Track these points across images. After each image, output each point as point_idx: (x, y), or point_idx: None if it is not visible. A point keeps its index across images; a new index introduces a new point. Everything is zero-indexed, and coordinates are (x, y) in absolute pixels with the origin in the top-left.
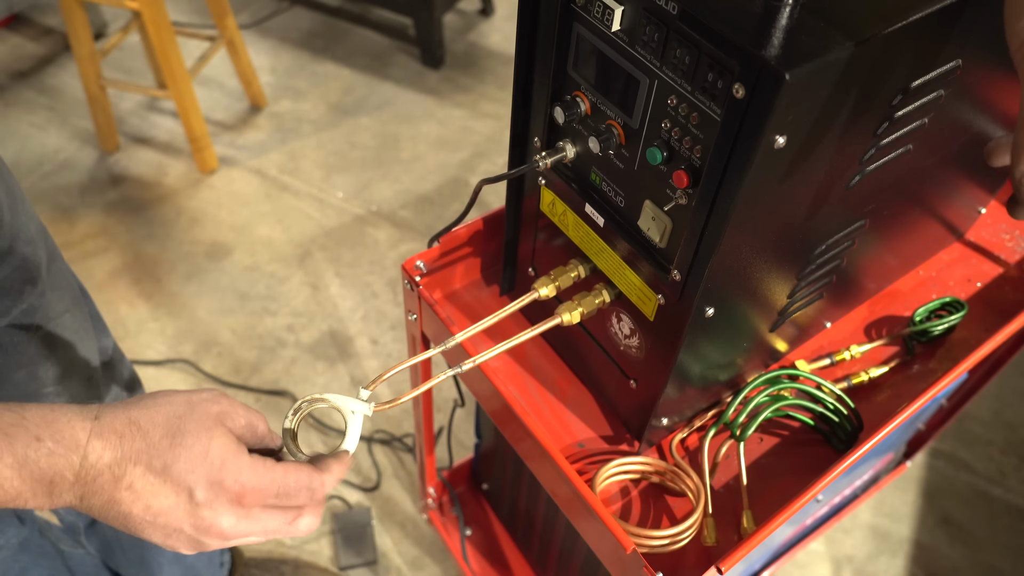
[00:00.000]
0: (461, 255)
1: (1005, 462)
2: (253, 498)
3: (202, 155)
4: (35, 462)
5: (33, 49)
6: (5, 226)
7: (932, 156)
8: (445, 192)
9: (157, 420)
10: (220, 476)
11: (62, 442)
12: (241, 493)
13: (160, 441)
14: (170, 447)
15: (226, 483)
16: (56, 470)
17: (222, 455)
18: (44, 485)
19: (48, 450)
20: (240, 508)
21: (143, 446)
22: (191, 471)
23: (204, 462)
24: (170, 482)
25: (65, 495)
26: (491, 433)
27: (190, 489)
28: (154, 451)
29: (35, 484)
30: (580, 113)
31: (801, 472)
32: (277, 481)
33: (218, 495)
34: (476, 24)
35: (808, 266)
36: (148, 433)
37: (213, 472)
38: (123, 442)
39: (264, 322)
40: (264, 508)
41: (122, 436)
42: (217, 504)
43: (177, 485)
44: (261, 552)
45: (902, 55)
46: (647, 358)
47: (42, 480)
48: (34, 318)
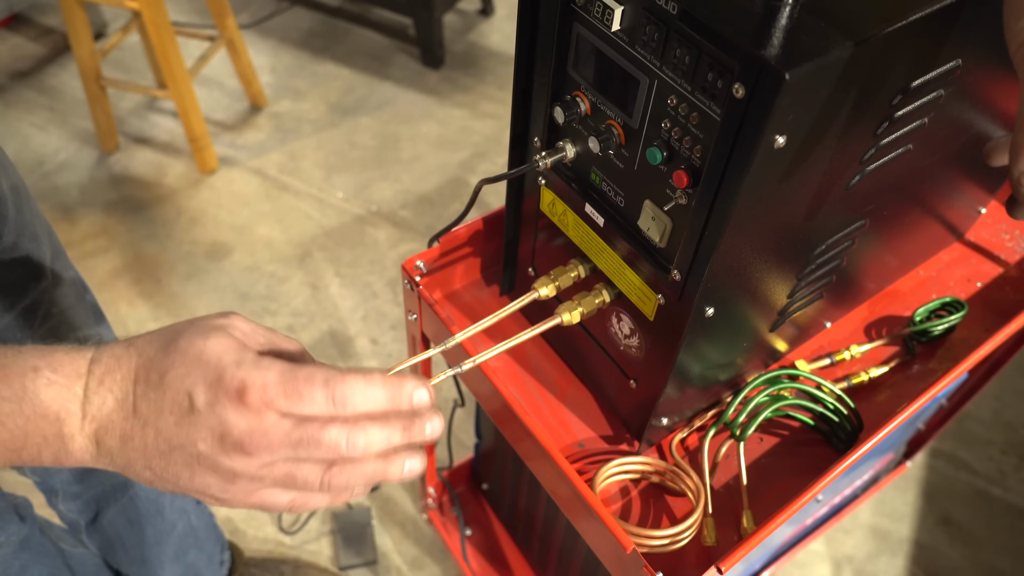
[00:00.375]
0: (461, 255)
1: (1005, 462)
2: (258, 395)
3: (202, 155)
4: (34, 392)
5: (33, 49)
6: (10, 222)
7: (932, 156)
8: (445, 192)
9: (154, 337)
10: (218, 372)
11: (60, 371)
12: (242, 389)
13: (155, 354)
14: (165, 356)
15: (224, 379)
16: (59, 403)
17: (218, 351)
18: (52, 422)
19: (47, 379)
20: (244, 407)
21: (141, 362)
22: (186, 375)
23: (199, 363)
24: (169, 392)
25: (78, 437)
26: (491, 433)
27: (189, 394)
28: (150, 364)
29: (41, 420)
30: (580, 113)
31: (801, 472)
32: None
33: (218, 394)
34: (476, 24)
35: (808, 266)
36: (144, 348)
37: (209, 371)
38: (120, 363)
39: (264, 322)
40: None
41: (119, 357)
42: (219, 406)
43: (176, 393)
44: (261, 552)
45: (902, 55)
46: (647, 358)
47: (47, 415)
48: (37, 314)
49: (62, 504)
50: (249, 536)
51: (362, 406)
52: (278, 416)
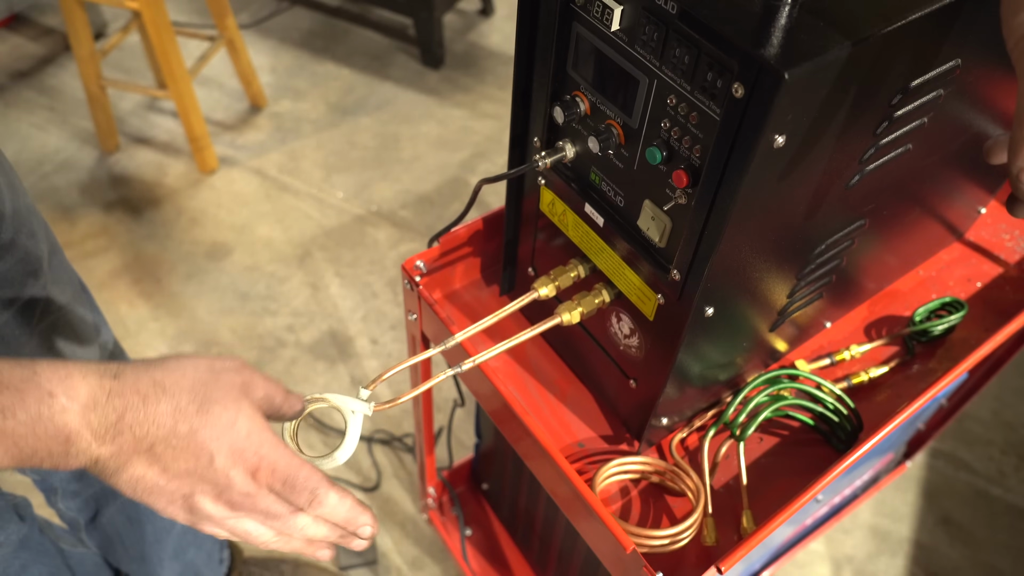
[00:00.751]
0: (461, 255)
1: (1005, 462)
2: (266, 474)
3: (202, 155)
4: (48, 419)
5: (33, 49)
6: (7, 218)
7: (932, 156)
8: (445, 192)
9: (183, 384)
10: (243, 446)
11: (76, 399)
12: (257, 466)
13: (188, 407)
14: (197, 413)
15: (246, 453)
16: (72, 428)
17: (248, 428)
18: (60, 443)
19: (62, 407)
20: (252, 481)
21: (169, 410)
22: (216, 438)
23: (230, 432)
24: (193, 446)
25: (81, 457)
26: (491, 433)
27: (211, 455)
28: (180, 416)
29: (50, 442)
30: (580, 113)
31: (801, 472)
32: (292, 466)
33: (236, 463)
34: (476, 24)
35: (808, 266)
36: (174, 396)
37: (237, 441)
38: (147, 404)
39: (264, 322)
40: (270, 490)
41: (146, 397)
42: (234, 471)
43: (200, 450)
44: (261, 551)
45: (901, 54)
46: (647, 358)
47: (57, 438)
48: (35, 311)
49: (61, 502)
50: None
51: (328, 515)
52: (269, 492)
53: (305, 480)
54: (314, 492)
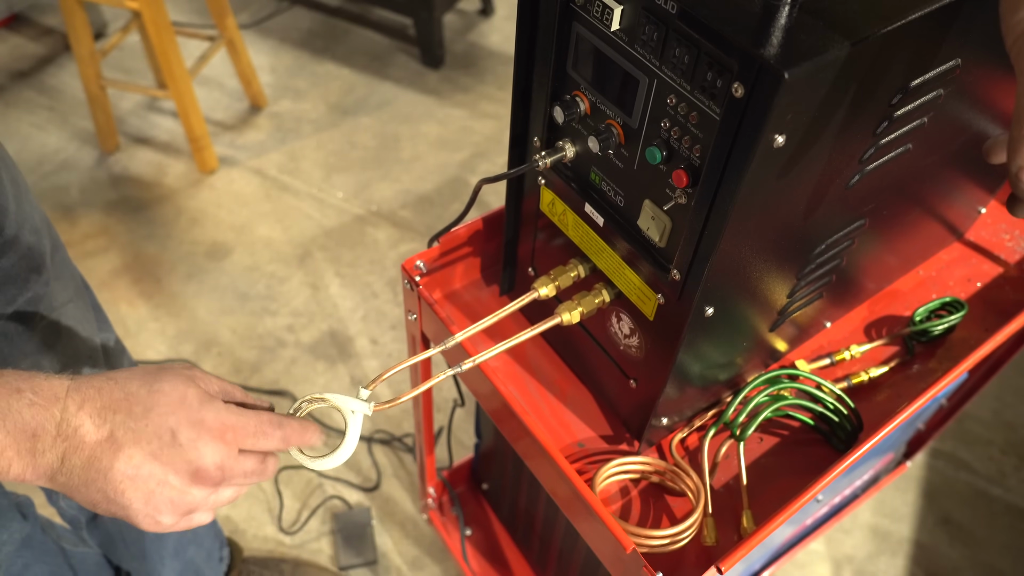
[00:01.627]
0: (461, 255)
1: (1005, 462)
2: (235, 435)
3: (202, 155)
4: (17, 411)
5: (33, 49)
6: (11, 214)
7: (932, 155)
8: (445, 192)
9: (133, 375)
10: (200, 415)
11: (41, 394)
12: (223, 430)
13: (138, 389)
14: (148, 394)
15: (207, 421)
16: (38, 422)
17: (199, 397)
18: (27, 439)
19: (29, 400)
20: (223, 445)
21: (122, 396)
22: (171, 412)
23: (183, 405)
24: (151, 426)
25: (48, 453)
26: (491, 433)
27: (172, 431)
28: (133, 399)
29: (19, 436)
30: (580, 113)
31: (801, 472)
32: (253, 420)
33: (200, 433)
34: (476, 24)
35: (808, 266)
36: (126, 385)
37: (192, 412)
38: (102, 394)
39: (264, 322)
40: (242, 451)
41: (100, 389)
42: (201, 443)
43: (159, 427)
44: (261, 551)
45: (901, 54)
46: (647, 358)
47: (25, 431)
48: (38, 307)
49: (63, 501)
50: (249, 535)
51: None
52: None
53: (270, 424)
54: (283, 431)
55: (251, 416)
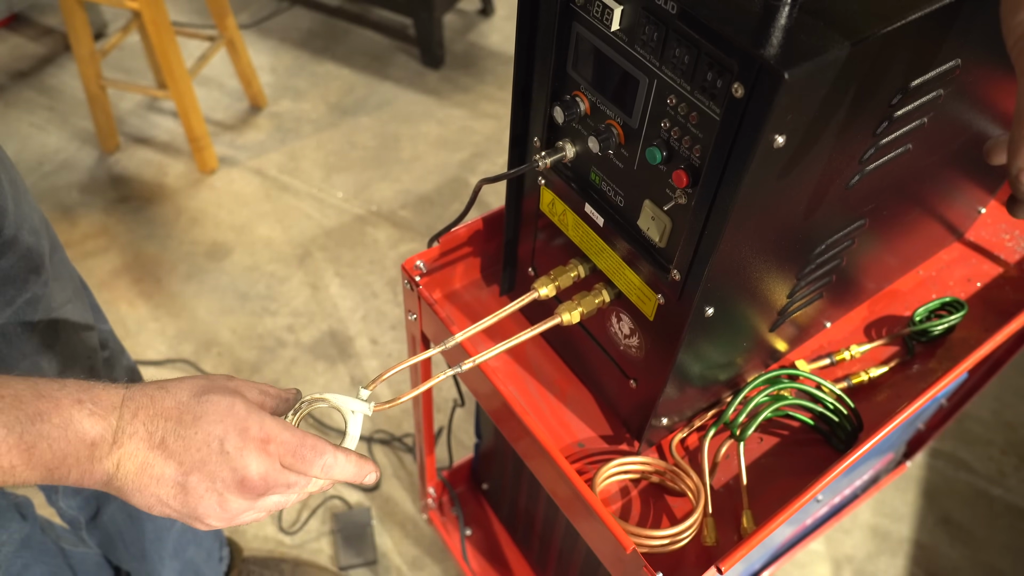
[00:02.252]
0: (461, 255)
1: (1005, 462)
2: (277, 447)
3: (202, 155)
4: (79, 422)
5: (33, 49)
6: (10, 215)
7: (932, 156)
8: (445, 192)
9: (183, 386)
10: (246, 424)
11: (100, 404)
12: (267, 440)
13: (188, 400)
14: (198, 404)
15: (251, 431)
16: (98, 431)
17: (246, 408)
18: (87, 447)
19: (89, 411)
20: (266, 456)
21: (173, 404)
22: (219, 421)
23: (231, 414)
24: (201, 434)
25: (105, 460)
26: (491, 433)
27: (220, 439)
28: (184, 408)
29: (79, 445)
30: (580, 113)
31: (801, 472)
32: (298, 437)
33: (246, 442)
34: (476, 24)
35: (808, 266)
36: (177, 394)
37: (239, 422)
38: (154, 402)
39: (264, 322)
40: (284, 464)
41: (153, 397)
42: (246, 451)
43: (208, 436)
44: (261, 550)
45: (901, 54)
46: (647, 358)
47: (85, 441)
48: (38, 308)
49: (62, 501)
50: (249, 535)
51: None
52: (282, 465)
53: (312, 450)
54: (324, 460)
55: (294, 434)
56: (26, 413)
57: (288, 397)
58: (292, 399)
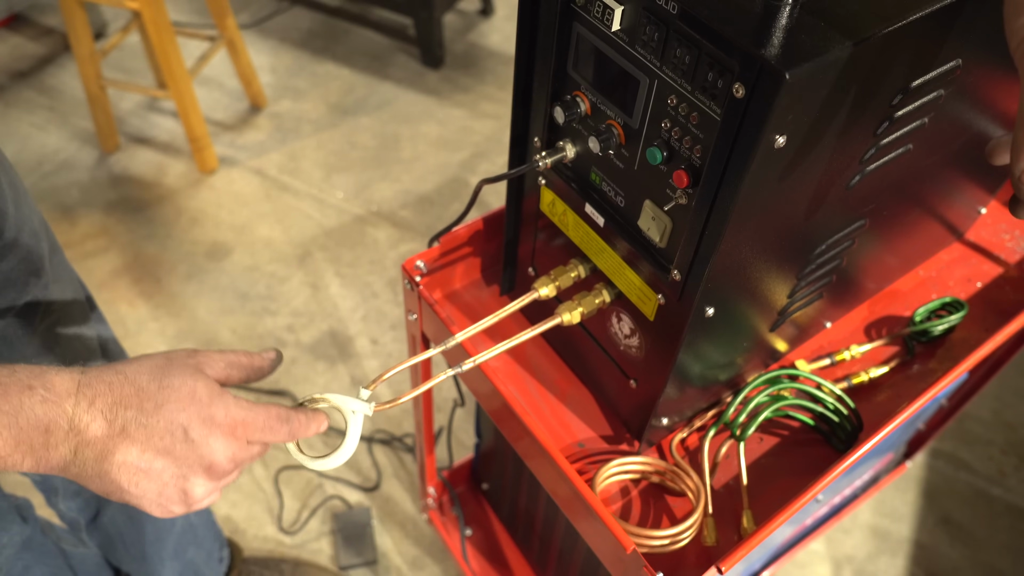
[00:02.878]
0: (461, 255)
1: (1005, 462)
2: (244, 430)
3: (202, 155)
4: (30, 408)
5: (33, 49)
6: (10, 217)
7: (932, 156)
8: (445, 192)
9: (142, 369)
10: (210, 412)
11: (53, 390)
12: (233, 426)
13: (148, 385)
14: (159, 390)
15: (217, 418)
16: (50, 417)
17: (209, 393)
18: (40, 434)
19: (41, 397)
20: (233, 440)
21: (132, 391)
22: (182, 409)
23: (193, 401)
24: (163, 422)
25: (60, 447)
26: (491, 433)
27: (184, 428)
28: (144, 394)
29: (32, 432)
30: (580, 113)
31: (801, 472)
32: (262, 415)
33: (211, 430)
34: (476, 24)
35: (808, 266)
36: (135, 380)
37: (203, 409)
38: (112, 389)
39: (264, 322)
40: (250, 440)
41: (111, 384)
42: (212, 439)
43: (171, 423)
44: (262, 551)
45: (902, 55)
46: (647, 358)
47: (38, 427)
48: (38, 310)
49: (62, 503)
50: (249, 535)
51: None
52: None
53: (277, 420)
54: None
55: (259, 411)
56: None
57: (261, 366)
58: (267, 367)
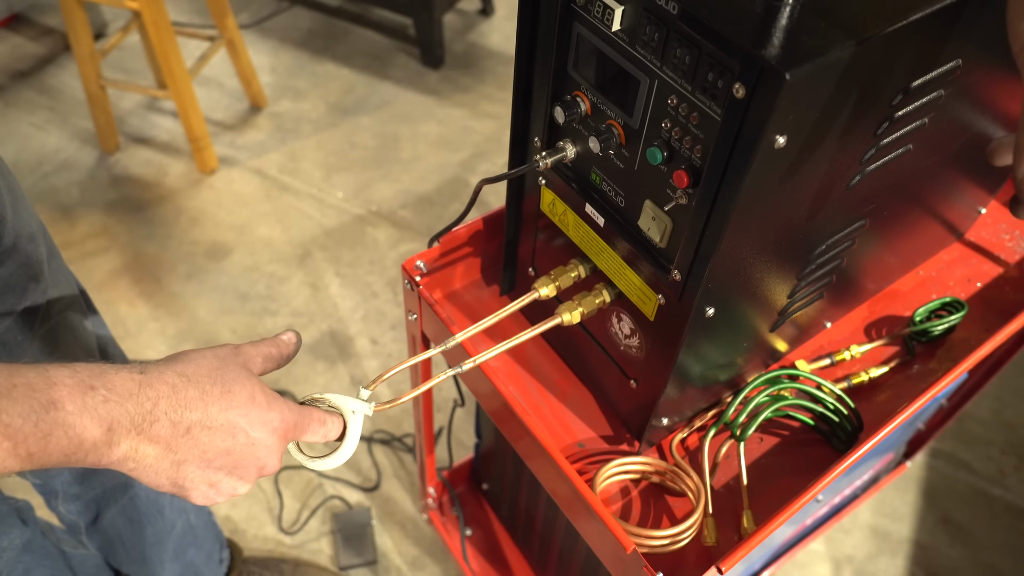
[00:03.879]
0: (461, 255)
1: (1005, 462)
2: (295, 432)
3: (202, 155)
4: (93, 408)
5: (33, 49)
6: (8, 223)
7: (932, 156)
8: (445, 192)
9: (201, 373)
10: (269, 416)
11: (114, 390)
12: (287, 429)
13: (212, 388)
14: (221, 395)
15: (275, 422)
16: (113, 416)
17: (266, 398)
18: (104, 432)
19: (103, 396)
20: (285, 442)
21: (197, 394)
22: (245, 414)
23: (254, 405)
24: (227, 425)
25: (122, 444)
26: (491, 433)
27: (246, 431)
28: (209, 398)
29: (96, 431)
30: (580, 113)
31: (801, 472)
32: (306, 419)
33: (269, 434)
34: (476, 24)
35: (808, 266)
36: (198, 383)
37: (263, 413)
38: (176, 392)
39: (264, 322)
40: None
41: (174, 386)
42: (271, 442)
43: (234, 427)
44: (261, 551)
45: (902, 55)
46: (647, 358)
47: (101, 426)
48: (37, 315)
49: (62, 506)
50: (249, 535)
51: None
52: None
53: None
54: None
55: (306, 414)
56: (40, 402)
57: (288, 353)
58: (292, 352)
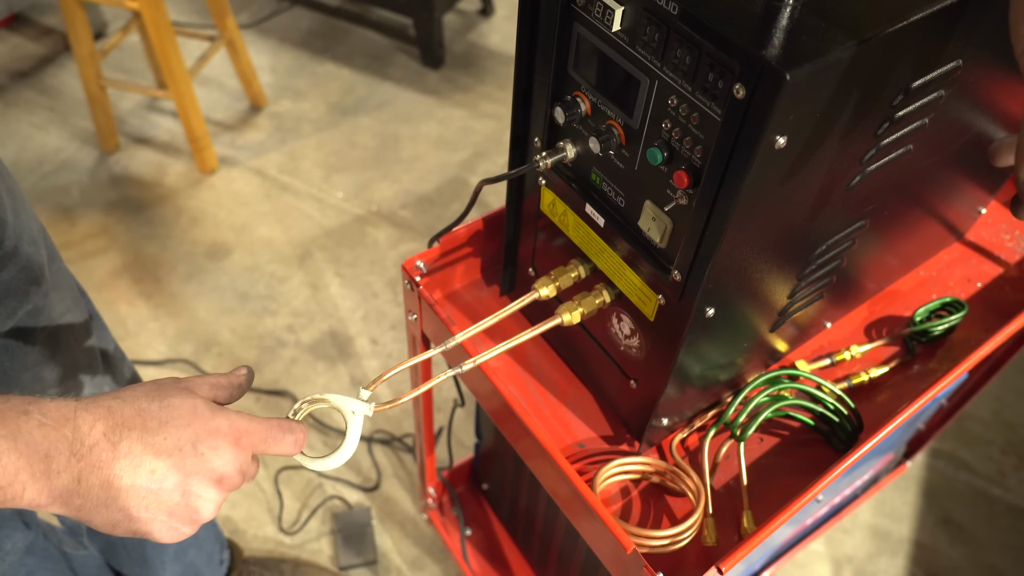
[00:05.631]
0: (461, 255)
1: (1005, 462)
2: (249, 440)
3: (202, 155)
4: (28, 433)
5: (33, 49)
6: (9, 226)
7: (932, 156)
8: (445, 192)
9: (138, 393)
10: (215, 424)
11: (49, 415)
12: (238, 435)
13: (149, 405)
14: (160, 409)
15: (222, 429)
16: (50, 442)
17: (209, 408)
18: (41, 460)
19: (38, 421)
20: (240, 450)
21: (133, 412)
22: (187, 425)
23: (196, 416)
24: (170, 439)
25: (63, 474)
26: (491, 433)
27: (192, 442)
28: (146, 414)
29: (32, 458)
30: (580, 113)
31: (801, 472)
32: (263, 425)
33: (219, 441)
34: (476, 24)
35: (808, 266)
36: (135, 402)
37: (207, 422)
38: (112, 412)
39: (264, 322)
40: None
41: (110, 408)
42: (221, 450)
43: (178, 439)
44: (261, 551)
45: (903, 55)
46: (647, 358)
47: (37, 452)
48: (38, 319)
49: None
50: (249, 535)
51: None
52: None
53: (279, 429)
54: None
55: (261, 422)
56: None
57: (240, 383)
58: (244, 383)
